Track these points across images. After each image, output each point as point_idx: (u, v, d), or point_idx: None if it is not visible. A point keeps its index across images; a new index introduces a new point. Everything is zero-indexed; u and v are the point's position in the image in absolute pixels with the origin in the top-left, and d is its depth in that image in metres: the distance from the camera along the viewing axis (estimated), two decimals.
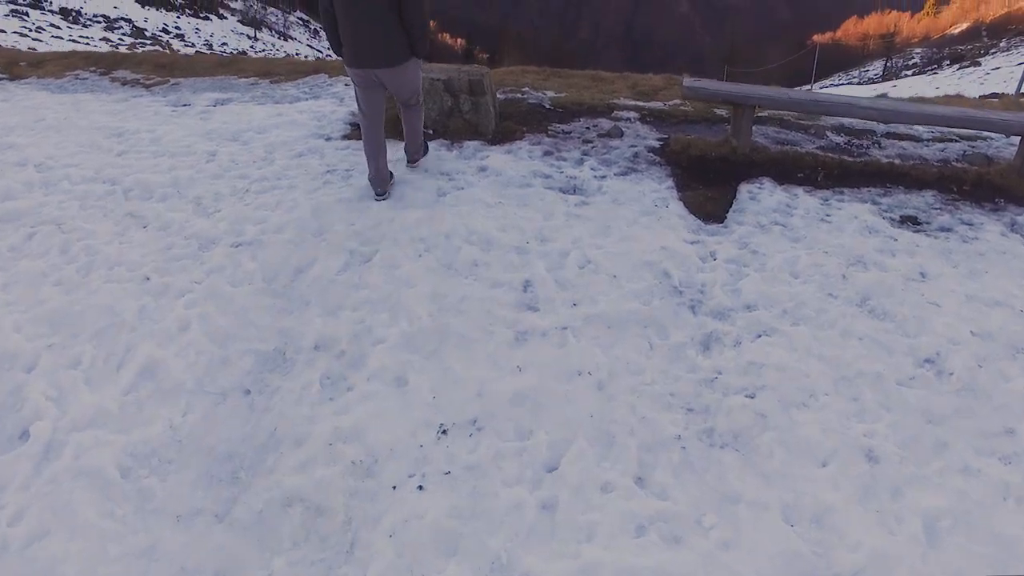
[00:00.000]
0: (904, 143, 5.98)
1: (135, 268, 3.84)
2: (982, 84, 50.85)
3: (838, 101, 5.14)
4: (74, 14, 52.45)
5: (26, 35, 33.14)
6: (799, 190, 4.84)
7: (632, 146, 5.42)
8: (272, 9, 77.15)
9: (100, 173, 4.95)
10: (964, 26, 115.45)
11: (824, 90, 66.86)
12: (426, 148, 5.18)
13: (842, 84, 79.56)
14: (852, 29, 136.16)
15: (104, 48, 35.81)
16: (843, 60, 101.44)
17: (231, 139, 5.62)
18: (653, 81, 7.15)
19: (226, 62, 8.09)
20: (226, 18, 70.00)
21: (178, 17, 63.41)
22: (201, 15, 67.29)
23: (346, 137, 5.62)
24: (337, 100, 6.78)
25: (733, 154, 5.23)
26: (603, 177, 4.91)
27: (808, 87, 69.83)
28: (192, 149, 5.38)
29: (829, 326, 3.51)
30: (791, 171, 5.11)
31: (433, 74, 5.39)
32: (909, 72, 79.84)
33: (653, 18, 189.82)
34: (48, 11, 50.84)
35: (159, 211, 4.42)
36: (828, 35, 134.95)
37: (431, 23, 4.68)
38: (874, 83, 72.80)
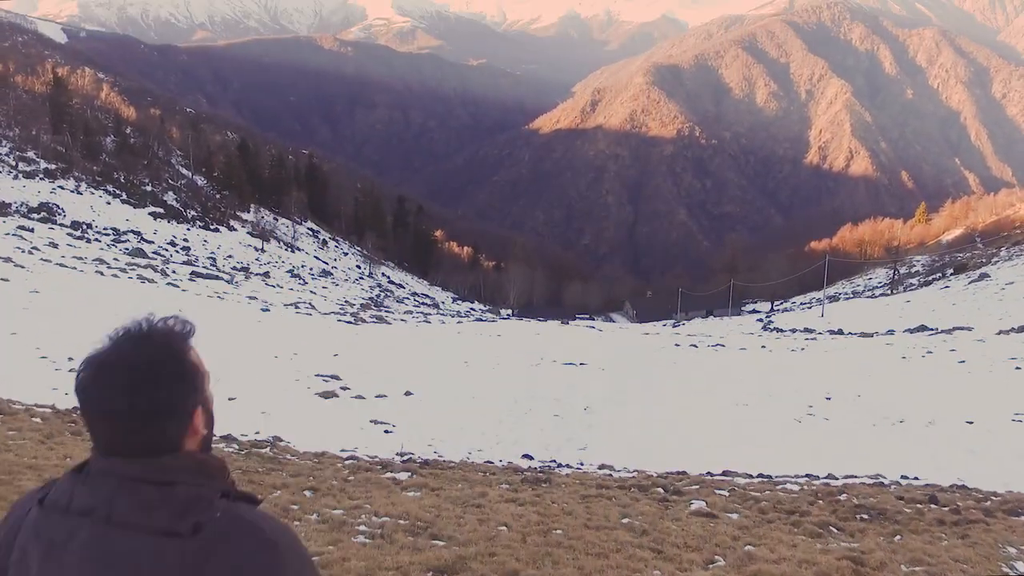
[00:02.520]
0: None
1: None
2: (1000, 300, 49.23)
3: None
4: (84, 227, 52.87)
5: (10, 260, 31.74)
6: None
7: None
8: (283, 220, 79.09)
9: None
10: (957, 232, 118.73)
11: (835, 305, 65.54)
12: None
13: (849, 297, 78.97)
14: (848, 236, 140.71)
15: (90, 271, 34.45)
16: (843, 268, 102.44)
17: None
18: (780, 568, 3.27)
19: None
20: (236, 230, 71.16)
21: (188, 229, 64.22)
22: (211, 227, 68.37)
23: None
24: None
25: None
26: None
27: (819, 297, 68.69)
28: None
29: None
30: None
31: None
32: (914, 281, 79.59)
33: (654, 225, 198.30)
34: (60, 224, 51.22)
35: None
36: (825, 242, 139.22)
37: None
38: (884, 295, 71.87)
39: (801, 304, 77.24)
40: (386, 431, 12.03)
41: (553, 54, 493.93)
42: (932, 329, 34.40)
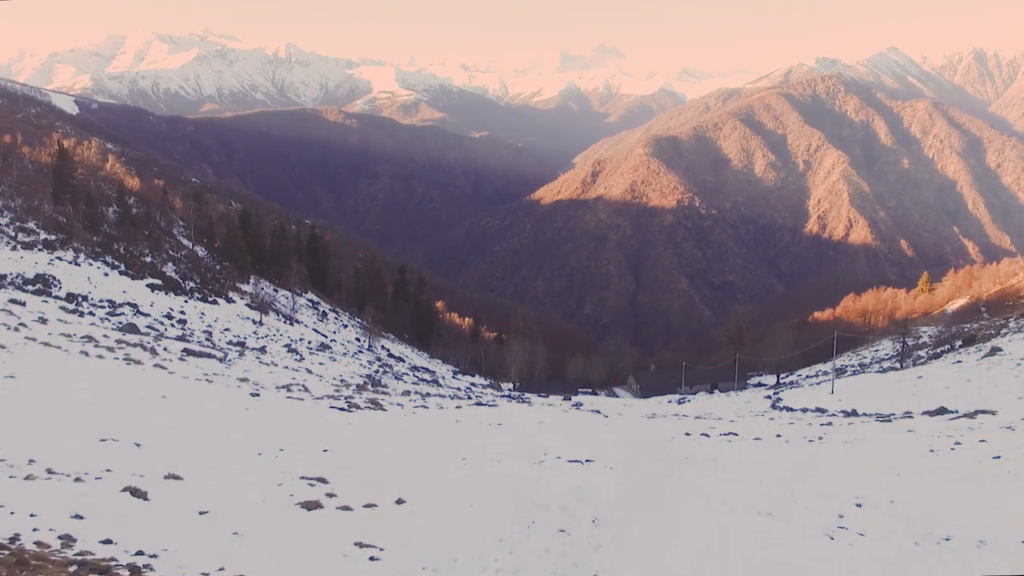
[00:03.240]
0: None
1: None
2: (1017, 377, 47.69)
3: None
4: (78, 300, 52.02)
5: None
6: None
7: None
8: (283, 291, 78.45)
9: None
10: (961, 302, 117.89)
11: (844, 380, 63.99)
12: None
13: (857, 371, 77.37)
14: (851, 306, 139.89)
15: (75, 351, 33.24)
16: (848, 338, 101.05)
17: None
18: None
19: None
20: (234, 302, 70.38)
21: (185, 301, 63.39)
22: (210, 299, 67.57)
23: None
24: None
25: None
26: None
27: (826, 370, 67.24)
28: None
29: None
30: None
31: None
32: (923, 354, 78.05)
33: (655, 295, 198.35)
34: (54, 297, 50.33)
35: None
36: (828, 311, 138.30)
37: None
38: (894, 369, 70.33)
39: (808, 378, 75.57)
40: (371, 558, 10.69)
41: (554, 126, 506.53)
42: (952, 412, 32.97)
